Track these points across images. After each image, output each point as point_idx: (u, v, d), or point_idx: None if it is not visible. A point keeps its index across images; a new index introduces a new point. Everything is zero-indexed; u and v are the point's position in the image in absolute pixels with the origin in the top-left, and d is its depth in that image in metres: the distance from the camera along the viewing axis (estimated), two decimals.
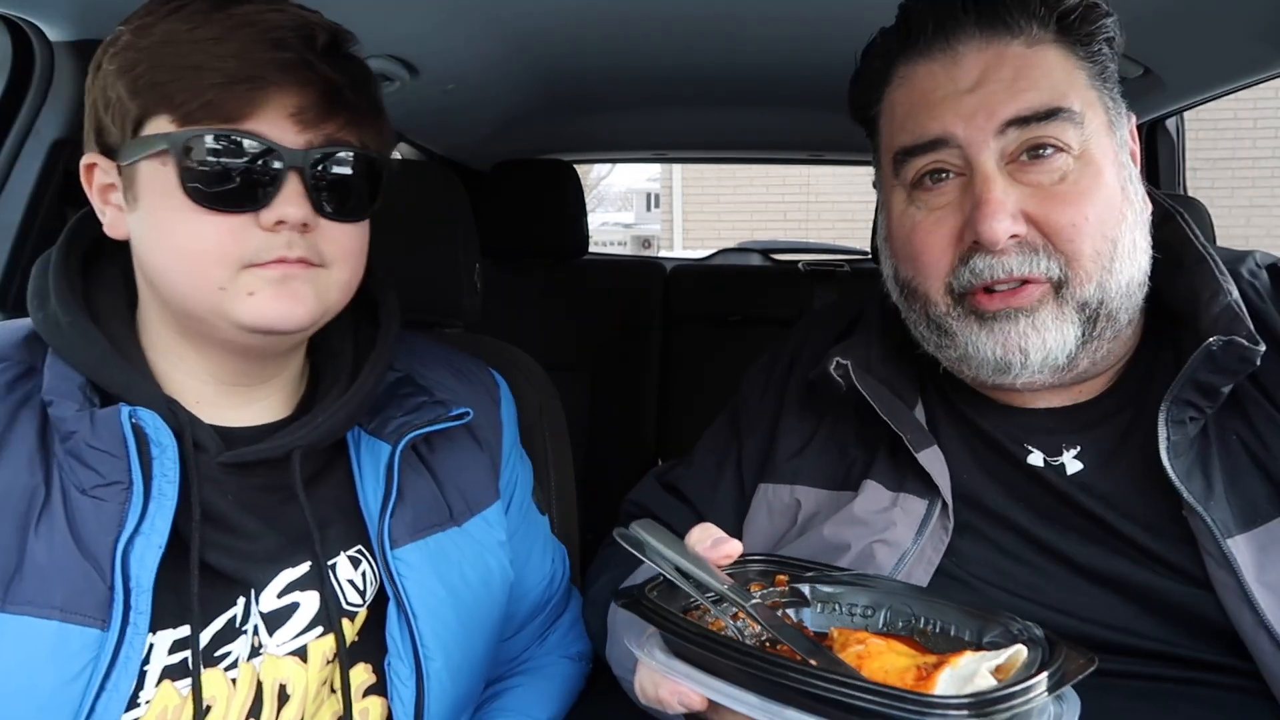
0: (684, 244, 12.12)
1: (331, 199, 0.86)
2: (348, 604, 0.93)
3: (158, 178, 0.82)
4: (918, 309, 0.97)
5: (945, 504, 0.94)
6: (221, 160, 0.80)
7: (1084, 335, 0.90)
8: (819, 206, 11.48)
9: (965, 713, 0.60)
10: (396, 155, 2.27)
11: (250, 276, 0.83)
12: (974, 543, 0.94)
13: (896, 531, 0.93)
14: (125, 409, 0.82)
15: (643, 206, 21.65)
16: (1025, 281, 0.89)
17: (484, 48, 1.61)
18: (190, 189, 0.81)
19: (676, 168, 12.08)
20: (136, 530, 0.80)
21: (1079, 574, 0.90)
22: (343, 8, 0.88)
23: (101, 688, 0.77)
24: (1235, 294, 0.90)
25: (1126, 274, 0.90)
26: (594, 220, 5.98)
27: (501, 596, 1.06)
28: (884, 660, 0.71)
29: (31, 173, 1.24)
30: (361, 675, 0.93)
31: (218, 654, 0.85)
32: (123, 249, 0.90)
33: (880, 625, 0.80)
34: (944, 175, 0.92)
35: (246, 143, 0.81)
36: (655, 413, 2.60)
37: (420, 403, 1.01)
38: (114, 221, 0.88)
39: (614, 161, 8.28)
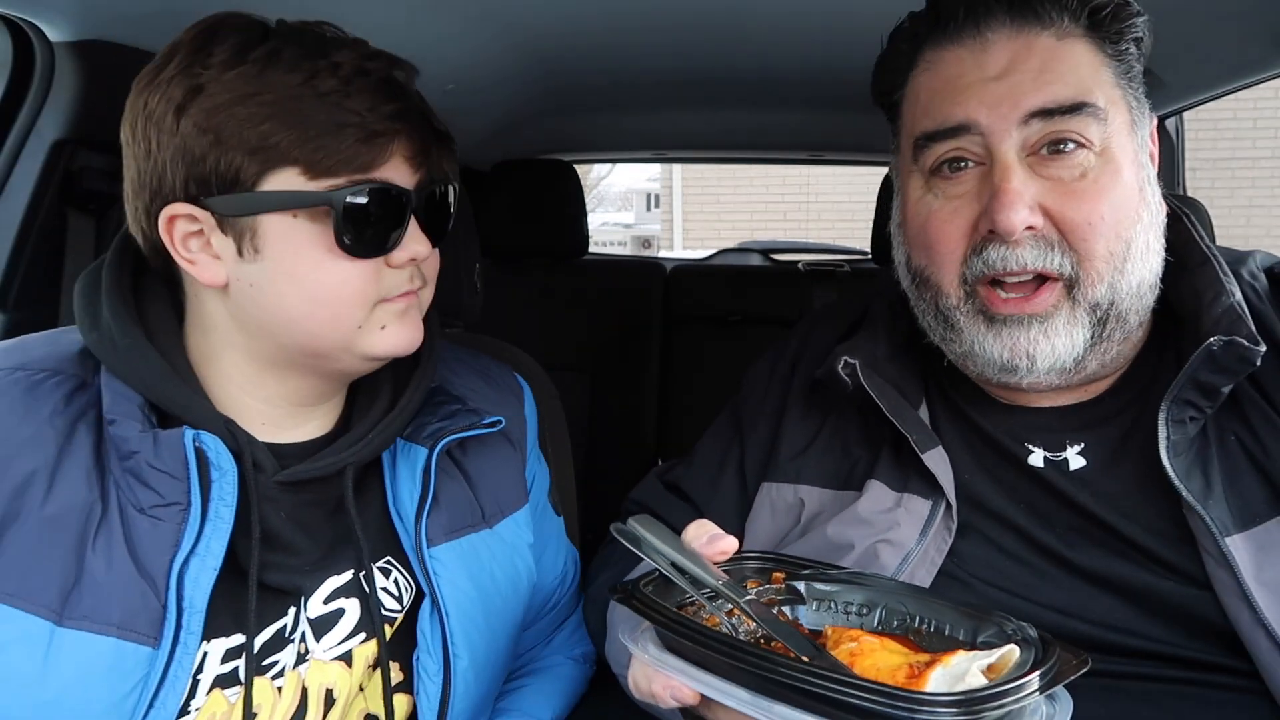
0: (684, 244, 12.11)
1: (434, 228, 0.92)
2: (386, 610, 0.95)
3: (293, 230, 0.83)
4: (928, 298, 0.97)
5: (949, 505, 0.94)
6: (369, 211, 0.84)
7: (1093, 338, 0.90)
8: (819, 206, 11.48)
9: (954, 711, 0.60)
10: None
11: (381, 312, 0.89)
12: (975, 543, 0.94)
13: (900, 532, 0.93)
14: (189, 432, 0.84)
15: (643, 206, 21.64)
16: (1040, 277, 0.89)
17: (484, 48, 1.61)
18: (344, 240, 0.83)
19: (676, 168, 12.07)
20: (192, 551, 0.82)
21: (1079, 575, 0.90)
22: (343, 7, 0.88)
23: (151, 704, 0.79)
24: (1238, 295, 0.90)
25: (1138, 275, 0.90)
26: (594, 220, 5.98)
27: (527, 598, 1.08)
28: (876, 658, 0.71)
29: (32, 173, 1.24)
30: (391, 674, 0.95)
31: (266, 663, 0.88)
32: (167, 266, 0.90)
33: (875, 624, 0.80)
34: (963, 164, 0.92)
35: (385, 192, 0.85)
36: (655, 413, 2.59)
37: (454, 410, 1.03)
38: (207, 269, 0.86)
39: (614, 161, 8.27)
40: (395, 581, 0.97)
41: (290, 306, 0.86)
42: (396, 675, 0.96)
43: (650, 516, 0.82)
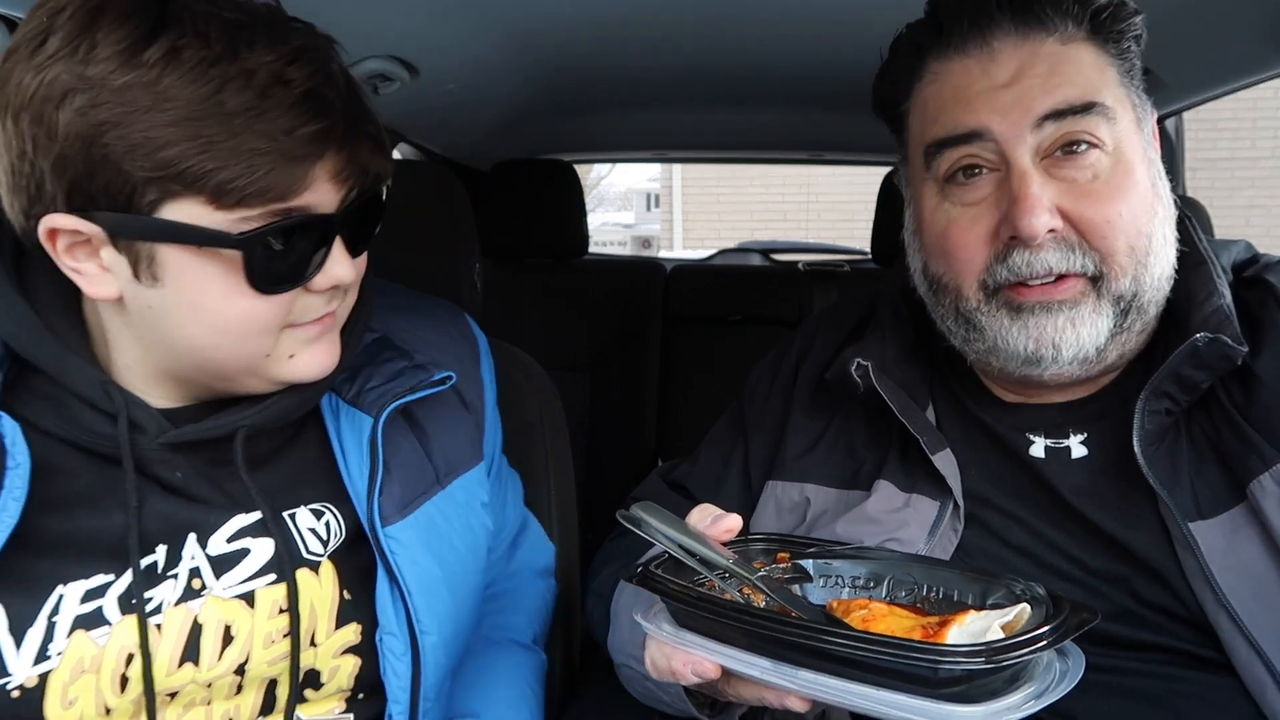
0: (684, 244, 12.11)
1: (358, 239, 0.86)
2: (308, 553, 0.91)
3: (199, 263, 0.76)
4: (947, 303, 0.98)
5: (957, 504, 0.96)
6: (283, 246, 0.77)
7: (1115, 328, 0.92)
8: (819, 206, 11.48)
9: (979, 660, 0.61)
10: (396, 155, 2.27)
11: (289, 339, 0.84)
12: (982, 538, 0.96)
13: (909, 530, 0.95)
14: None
15: (643, 206, 21.61)
16: (1063, 276, 0.90)
17: (484, 48, 1.61)
18: (255, 280, 0.77)
19: (676, 168, 12.07)
20: None
21: (1080, 566, 0.91)
22: (343, 8, 0.88)
23: None
24: (1229, 298, 0.92)
25: (1159, 268, 0.92)
26: (594, 220, 5.99)
27: (486, 560, 1.07)
28: (888, 623, 0.72)
29: None
30: (348, 635, 0.93)
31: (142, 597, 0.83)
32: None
33: (883, 596, 0.81)
34: (978, 170, 0.93)
35: (303, 223, 0.78)
36: (655, 413, 2.59)
37: (400, 369, 0.97)
38: (97, 282, 0.78)
39: (614, 161, 8.29)
40: (327, 524, 0.93)
41: (192, 336, 0.80)
42: (355, 639, 0.93)
43: (653, 503, 0.82)
